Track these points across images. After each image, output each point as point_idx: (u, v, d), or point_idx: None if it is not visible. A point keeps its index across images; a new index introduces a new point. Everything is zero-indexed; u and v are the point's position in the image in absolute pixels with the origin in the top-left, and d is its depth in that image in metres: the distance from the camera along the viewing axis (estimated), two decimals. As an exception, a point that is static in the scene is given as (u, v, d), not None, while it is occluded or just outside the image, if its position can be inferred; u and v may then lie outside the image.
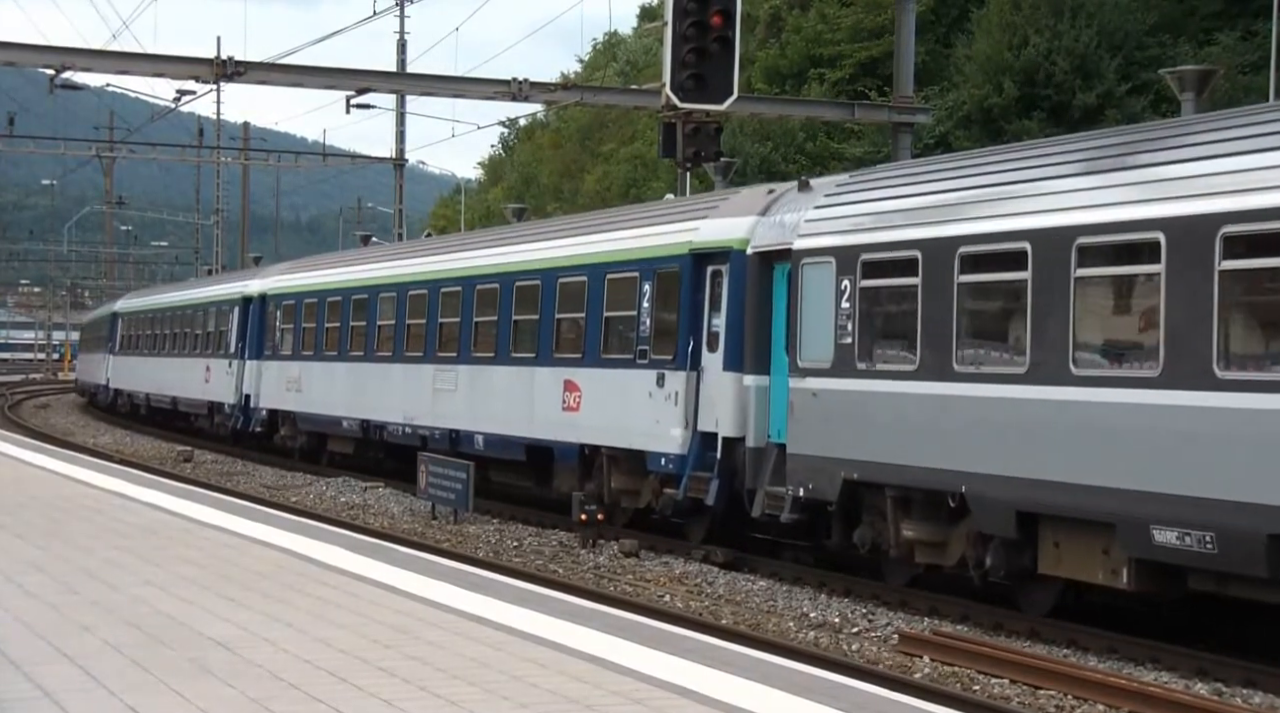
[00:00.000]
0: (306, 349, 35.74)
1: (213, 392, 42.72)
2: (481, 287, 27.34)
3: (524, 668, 9.70)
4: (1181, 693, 13.04)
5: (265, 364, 38.61)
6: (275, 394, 37.54)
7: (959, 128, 45.86)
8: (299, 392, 35.78)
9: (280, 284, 38.85)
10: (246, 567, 14.12)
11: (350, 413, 32.47)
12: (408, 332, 30.36)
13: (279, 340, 37.74)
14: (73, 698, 8.60)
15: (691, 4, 26.57)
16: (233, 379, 40.42)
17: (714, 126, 28.66)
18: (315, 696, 8.81)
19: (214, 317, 43.86)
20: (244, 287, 41.41)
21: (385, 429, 30.75)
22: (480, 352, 27.16)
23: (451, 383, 27.89)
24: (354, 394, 32.43)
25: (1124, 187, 14.50)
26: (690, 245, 21.31)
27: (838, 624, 16.71)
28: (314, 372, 35.08)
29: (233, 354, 40.79)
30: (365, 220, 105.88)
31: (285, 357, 37.17)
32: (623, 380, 22.36)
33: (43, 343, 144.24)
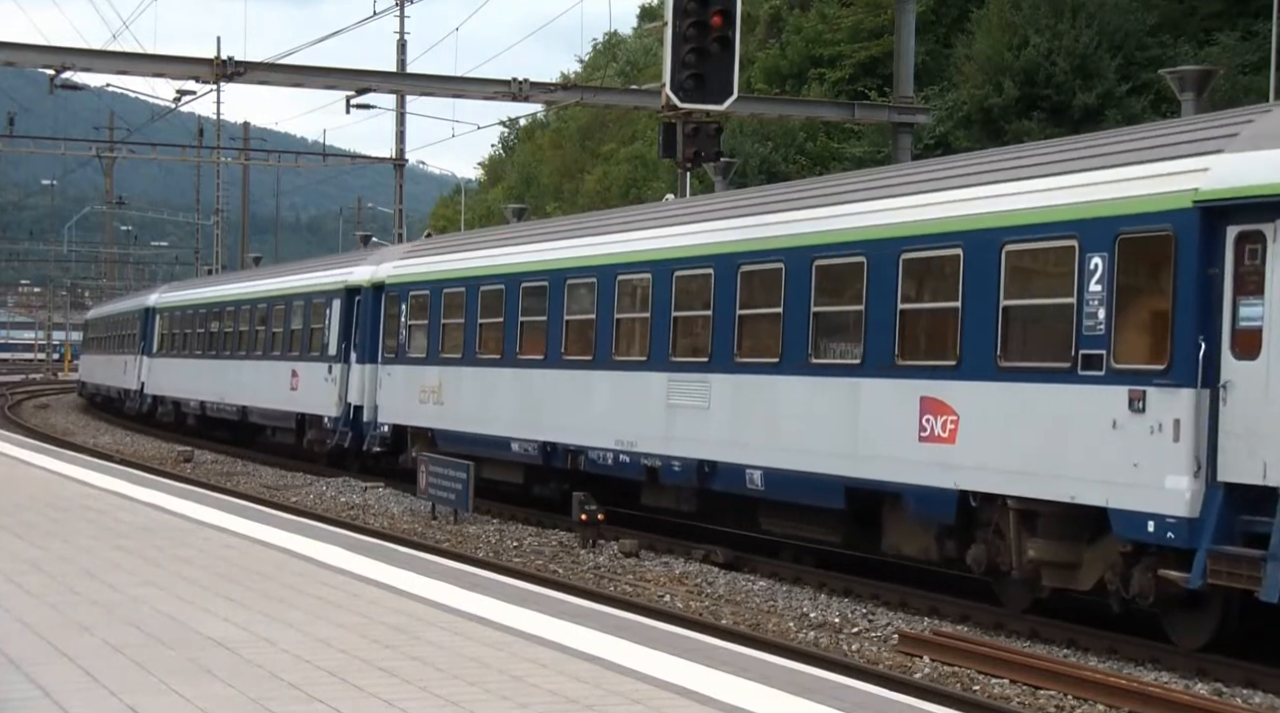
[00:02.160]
0: (451, 351, 28.17)
1: (304, 402, 35.47)
2: (752, 267, 20.12)
3: (524, 668, 9.70)
4: (1181, 693, 13.04)
5: (387, 369, 30.97)
6: (403, 407, 30.02)
7: (959, 128, 45.87)
8: (439, 405, 28.31)
9: (406, 271, 30.96)
10: (246, 567, 14.12)
11: (522, 433, 25.18)
12: (617, 329, 23.07)
13: (406, 340, 30.06)
14: (73, 698, 8.59)
15: (691, 4, 26.58)
16: (334, 387, 33.45)
17: (714, 127, 28.67)
18: (315, 696, 8.81)
19: (302, 311, 36.65)
20: (347, 275, 33.91)
21: (583, 455, 23.39)
22: (752, 356, 20.01)
23: (699, 397, 20.89)
24: (528, 409, 25.12)
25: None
26: (1197, 195, 14.20)
27: (838, 624, 16.72)
28: (464, 380, 27.49)
29: (333, 357, 33.66)
30: (365, 220, 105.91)
31: (417, 360, 29.52)
32: (1046, 401, 15.49)
33: (43, 343, 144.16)
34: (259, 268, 51.48)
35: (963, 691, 13.41)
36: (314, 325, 35.47)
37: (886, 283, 17.62)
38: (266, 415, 38.89)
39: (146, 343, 52.50)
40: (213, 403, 43.49)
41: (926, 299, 17.35)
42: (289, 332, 37.49)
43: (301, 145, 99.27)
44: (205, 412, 44.33)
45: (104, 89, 53.74)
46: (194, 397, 45.77)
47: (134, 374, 53.59)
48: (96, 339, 67.70)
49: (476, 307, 27.32)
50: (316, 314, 35.41)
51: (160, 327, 51.52)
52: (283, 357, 37.50)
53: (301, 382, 35.70)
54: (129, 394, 54.66)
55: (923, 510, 17.01)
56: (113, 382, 59.06)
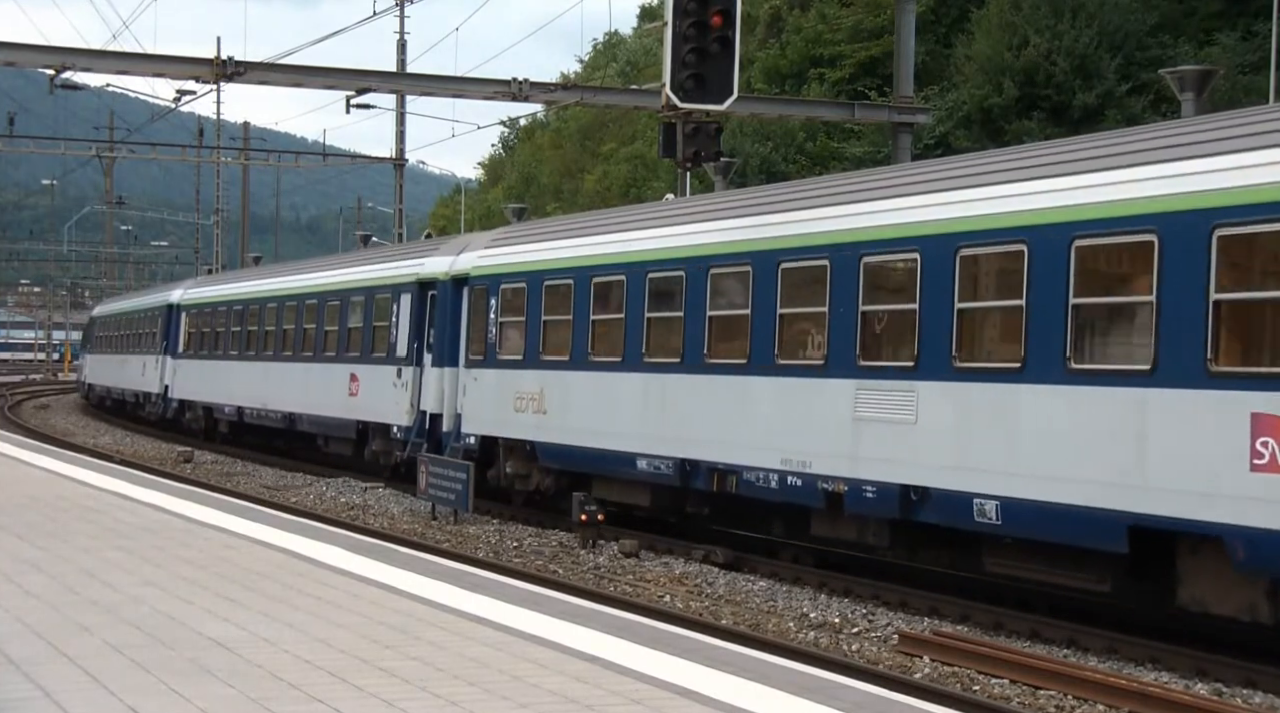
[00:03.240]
0: (555, 352, 24.45)
1: (366, 408, 31.58)
2: (982, 250, 16.19)
3: (524, 668, 9.70)
4: (1181, 693, 13.04)
5: (473, 373, 27.05)
6: (494, 415, 26.06)
7: (959, 128, 45.88)
8: (540, 414, 24.55)
9: (495, 261, 27.04)
10: (246, 567, 14.12)
11: (652, 448, 21.56)
12: (781, 327, 19.12)
13: (497, 340, 26.21)
14: (73, 698, 8.59)
15: (691, 4, 26.56)
16: (405, 393, 29.53)
17: (714, 127, 28.64)
18: (315, 696, 8.81)
19: (362, 308, 32.53)
20: (418, 267, 30.07)
21: (734, 476, 19.81)
22: (980, 359, 16.22)
23: (902, 408, 16.96)
24: (661, 420, 21.51)
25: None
26: None
27: (838, 624, 16.72)
28: (573, 385, 23.79)
29: (403, 358, 29.83)
30: (365, 220, 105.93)
31: (511, 363, 25.72)
32: None
33: (43, 343, 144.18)
34: (307, 261, 46.92)
35: (963, 691, 13.42)
36: (378, 323, 31.41)
37: (1194, 267, 13.75)
38: (319, 423, 34.40)
39: (170, 342, 48.37)
40: (252, 409, 39.28)
41: (1258, 287, 13.44)
42: (346, 331, 33.34)
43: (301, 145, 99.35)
44: (243, 418, 40.07)
45: (104, 89, 53.85)
46: (229, 401, 41.48)
47: (155, 376, 49.56)
48: (105, 338, 63.34)
49: (588, 301, 23.44)
50: (380, 311, 31.36)
51: (187, 325, 47.38)
52: (339, 358, 33.36)
53: (363, 386, 31.81)
54: (149, 397, 50.46)
55: (1254, 560, 13.21)
56: (128, 384, 54.88)
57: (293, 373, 36.48)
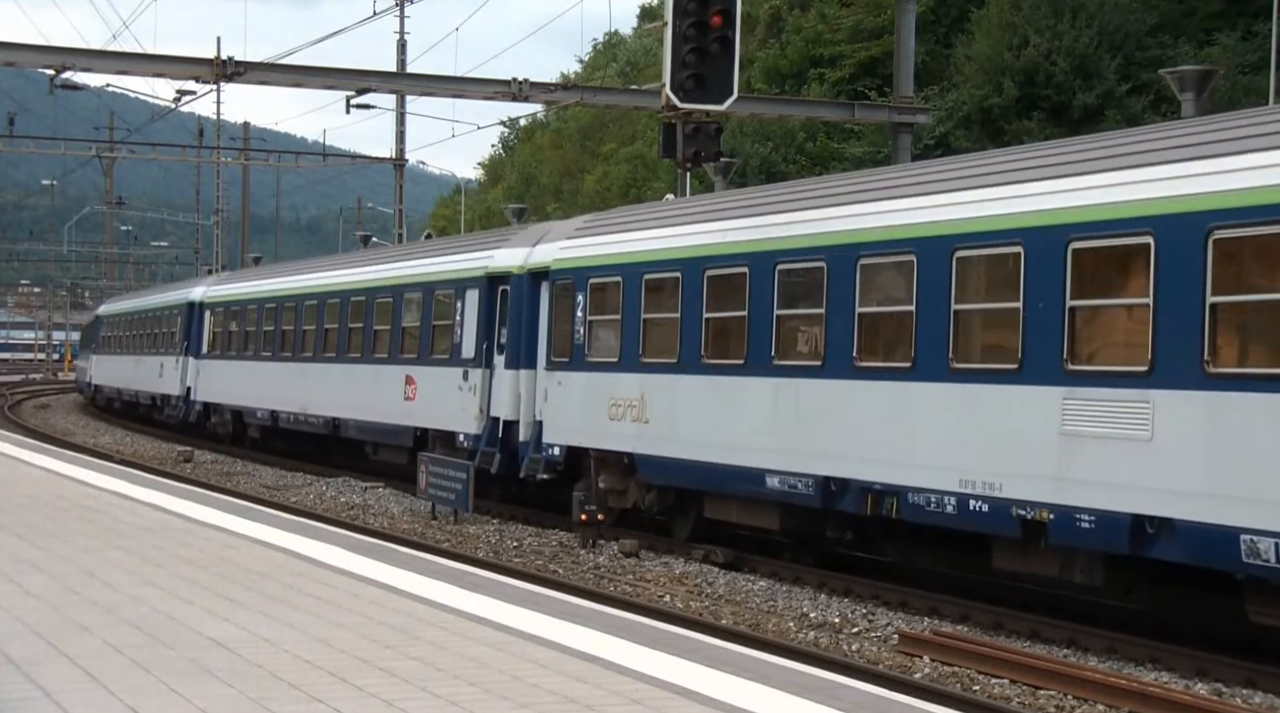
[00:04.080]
0: (659, 353, 21.52)
1: (425, 414, 28.69)
2: (1246, 231, 13.45)
3: (524, 668, 9.70)
4: (1181, 693, 13.04)
5: (556, 377, 24.03)
6: (582, 424, 23.36)
7: (959, 128, 45.88)
8: (641, 423, 21.70)
9: (582, 252, 24.04)
10: (246, 567, 14.12)
11: (787, 464, 18.66)
12: (955, 325, 16.44)
13: (586, 339, 23.49)
14: (73, 698, 8.59)
15: (691, 4, 26.59)
16: (473, 398, 26.62)
17: (714, 127, 28.67)
18: (315, 696, 8.81)
19: (419, 305, 29.67)
20: (487, 259, 26.90)
21: (897, 498, 16.89)
22: (1242, 364, 13.55)
23: (1132, 423, 14.27)
24: (797, 432, 18.59)
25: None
26: None
27: (838, 624, 16.72)
28: (683, 391, 20.92)
29: (470, 360, 26.94)
30: (365, 220, 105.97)
31: (604, 365, 22.82)
32: None
33: (42, 343, 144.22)
34: (352, 254, 43.33)
35: (963, 691, 13.42)
36: (438, 322, 28.59)
37: None
38: (368, 430, 31.67)
39: (192, 342, 45.33)
40: (289, 413, 36.35)
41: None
42: (400, 330, 30.42)
43: (301, 145, 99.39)
44: (277, 423, 37.27)
45: (104, 89, 53.89)
46: (261, 405, 38.55)
47: (175, 378, 46.35)
48: (114, 338, 60.18)
49: (701, 296, 20.61)
50: (441, 308, 28.49)
51: (212, 323, 44.31)
52: (392, 360, 30.48)
53: (421, 390, 28.93)
54: (168, 401, 47.40)
55: None
56: (142, 386, 51.84)
57: (337, 375, 33.59)
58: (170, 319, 48.55)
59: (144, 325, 53.51)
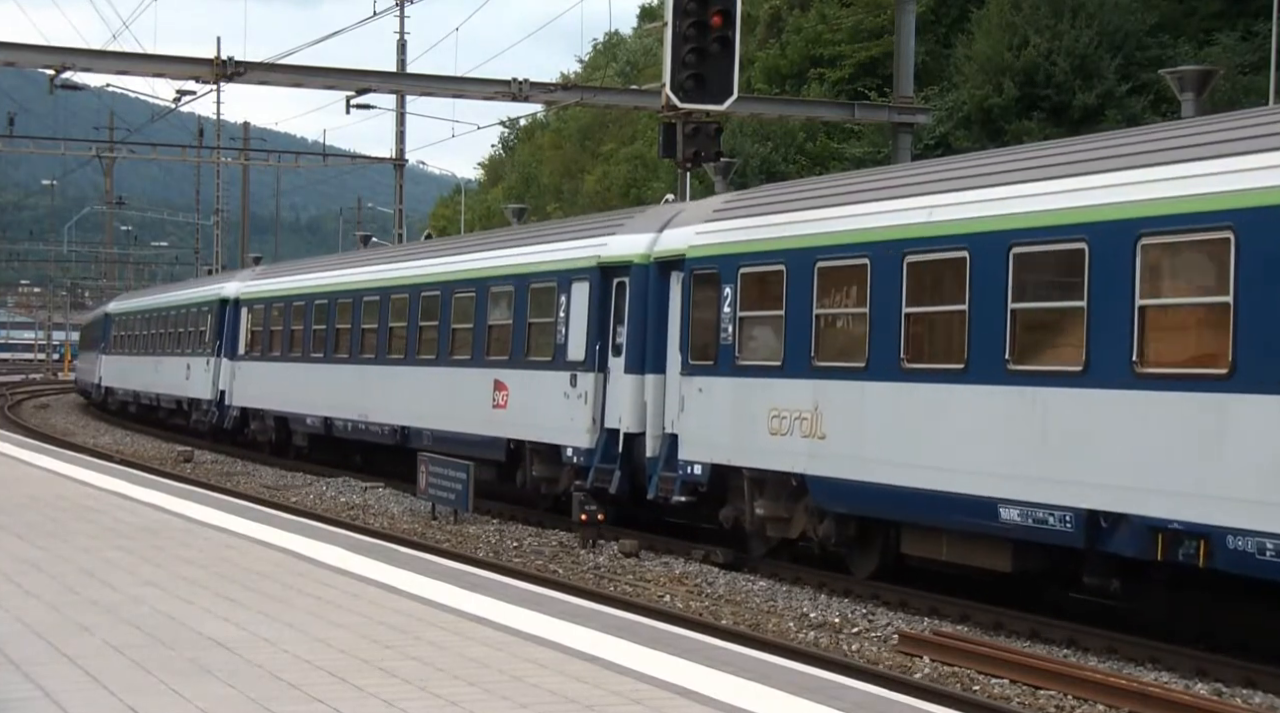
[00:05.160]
0: (837, 356, 18.34)
1: (519, 424, 25.59)
2: None
3: (524, 668, 9.70)
4: (1181, 693, 13.04)
5: (696, 383, 20.85)
6: (730, 438, 20.06)
7: (959, 128, 45.90)
8: (815, 438, 18.41)
9: (724, 238, 20.72)
10: (246, 567, 14.12)
11: (1030, 493, 15.37)
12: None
13: (735, 339, 20.06)
14: (73, 698, 8.59)
15: (691, 4, 26.58)
16: (585, 406, 23.43)
17: (714, 127, 28.65)
18: (315, 696, 8.81)
19: (509, 300, 26.32)
20: (598, 247, 23.85)
21: (1206, 541, 13.57)
22: None
23: None
24: (1045, 455, 15.31)
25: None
26: None
27: (838, 624, 16.72)
28: (872, 402, 17.65)
29: (578, 363, 23.67)
30: (365, 221, 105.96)
31: (758, 370, 19.63)
32: None
33: (42, 343, 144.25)
34: (423, 244, 39.19)
35: (963, 691, 13.42)
36: (535, 319, 25.40)
37: None
38: (447, 441, 27.98)
39: (226, 342, 41.84)
40: (346, 420, 32.86)
41: None
42: (485, 328, 27.03)
43: (301, 145, 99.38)
44: (331, 431, 33.92)
45: (104, 89, 53.90)
46: (312, 412, 35.00)
47: (205, 381, 42.87)
48: (129, 337, 56.64)
49: (899, 286, 17.23)
50: (540, 304, 25.28)
51: (250, 322, 40.74)
52: (477, 362, 27.08)
53: (515, 397, 25.59)
54: (197, 405, 44.00)
55: None
56: (165, 389, 48.31)
57: (406, 379, 30.19)
58: (198, 317, 45.10)
59: (165, 324, 50.19)
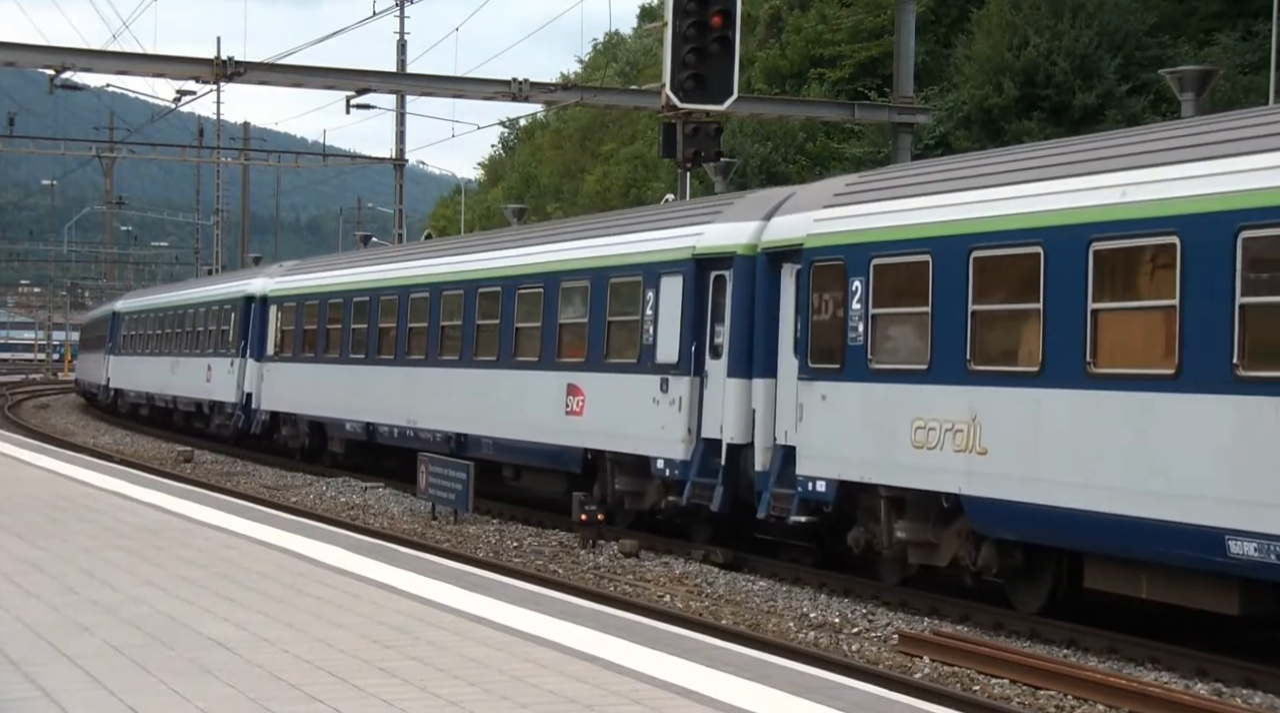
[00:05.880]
0: (999, 360, 16.06)
1: (598, 432, 23.21)
2: None
3: (524, 668, 9.70)
4: (1181, 693, 13.04)
5: (818, 389, 18.46)
6: (863, 452, 17.73)
7: (959, 128, 45.91)
8: (974, 454, 16.07)
9: (849, 225, 18.41)
10: (246, 567, 14.12)
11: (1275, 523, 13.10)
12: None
13: (865, 340, 17.79)
14: (73, 698, 8.60)
15: (691, 4, 26.58)
16: (678, 414, 21.24)
17: (714, 127, 28.67)
18: (315, 696, 8.81)
19: (583, 296, 24.21)
20: (692, 236, 21.66)
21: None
22: None
23: None
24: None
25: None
26: None
27: (838, 624, 16.72)
28: (1048, 411, 15.28)
29: (669, 366, 21.46)
30: (365, 220, 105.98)
31: (899, 375, 17.29)
32: None
33: (42, 343, 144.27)
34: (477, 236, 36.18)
35: (963, 691, 13.42)
36: (616, 317, 23.17)
37: None
38: (512, 451, 25.98)
39: (252, 342, 39.73)
40: (391, 427, 30.62)
41: None
42: (556, 327, 24.86)
43: (301, 145, 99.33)
44: (374, 438, 31.68)
45: (104, 89, 53.97)
46: (352, 417, 32.75)
47: (229, 383, 40.77)
48: (140, 337, 54.47)
49: (1083, 280, 14.89)
50: (622, 300, 23.05)
51: (280, 321, 38.47)
52: (547, 364, 24.91)
53: (593, 403, 23.45)
54: (220, 409, 41.98)
55: None
56: (183, 391, 46.13)
57: (461, 382, 27.83)
58: (220, 316, 42.94)
59: (182, 323, 48.00)
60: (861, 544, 18.11)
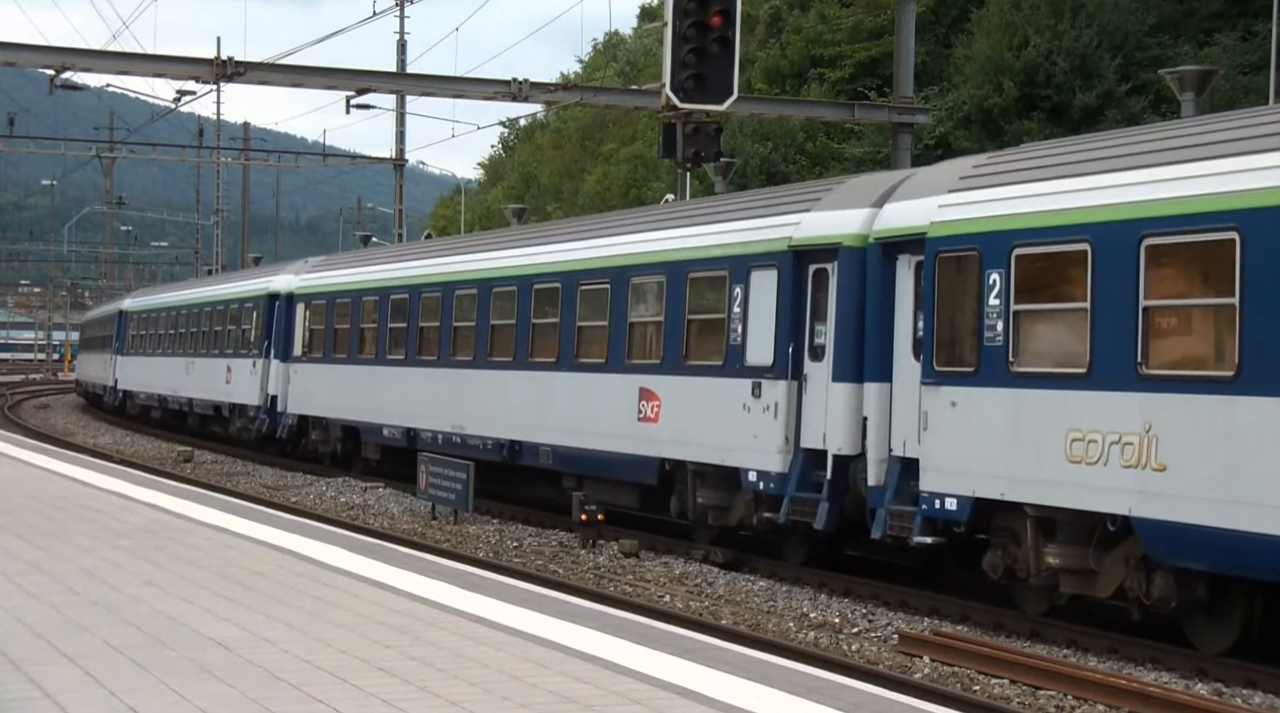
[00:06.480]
0: (1182, 363, 14.16)
1: (677, 440, 21.35)
2: None
3: (524, 668, 9.70)
4: (1181, 693, 13.04)
5: (947, 394, 16.58)
6: (1005, 465, 15.81)
7: (959, 128, 45.90)
8: (1150, 470, 14.17)
9: (988, 211, 16.34)
10: (246, 567, 14.12)
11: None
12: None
13: (1006, 339, 15.94)
14: (73, 698, 8.60)
15: (691, 4, 26.58)
16: (772, 422, 19.27)
17: (714, 127, 28.67)
18: (315, 696, 8.81)
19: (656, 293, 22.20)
20: (789, 225, 19.65)
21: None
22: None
23: None
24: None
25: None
26: None
27: (838, 624, 16.72)
28: (1245, 423, 13.31)
29: (760, 369, 19.64)
30: (365, 221, 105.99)
31: (1047, 379, 15.46)
32: None
33: (42, 343, 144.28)
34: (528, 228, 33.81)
35: (963, 691, 13.42)
36: (697, 315, 21.22)
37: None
38: (577, 460, 24.02)
39: (277, 342, 37.77)
40: (436, 433, 28.63)
41: None
42: (625, 326, 22.85)
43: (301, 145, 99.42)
44: (415, 444, 29.25)
45: (104, 89, 54.03)
46: (391, 422, 30.82)
47: (252, 385, 38.97)
48: (150, 337, 52.85)
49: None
50: (701, 296, 21.16)
51: (308, 320, 36.44)
52: (615, 366, 23.03)
53: (670, 408, 21.56)
54: (241, 412, 40.10)
55: None
56: (199, 393, 44.51)
57: (517, 386, 25.88)
58: (241, 314, 41.15)
59: (198, 322, 46.14)
60: (999, 570, 16.13)
